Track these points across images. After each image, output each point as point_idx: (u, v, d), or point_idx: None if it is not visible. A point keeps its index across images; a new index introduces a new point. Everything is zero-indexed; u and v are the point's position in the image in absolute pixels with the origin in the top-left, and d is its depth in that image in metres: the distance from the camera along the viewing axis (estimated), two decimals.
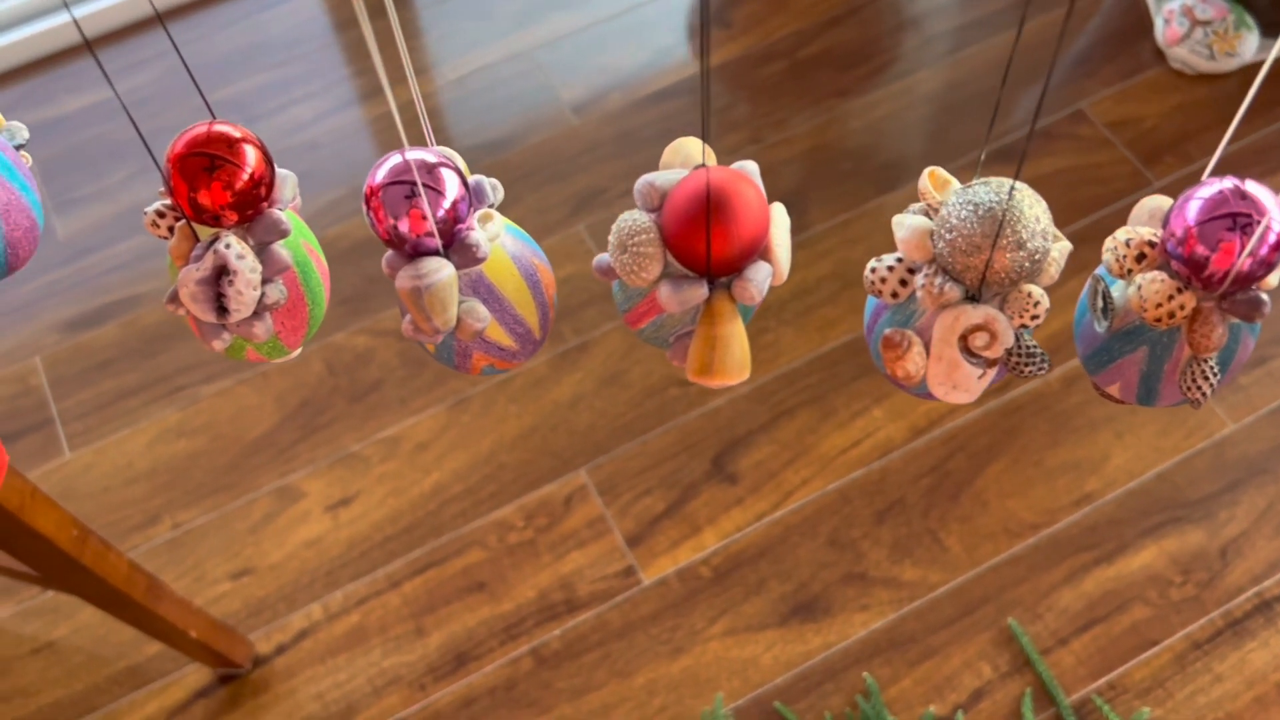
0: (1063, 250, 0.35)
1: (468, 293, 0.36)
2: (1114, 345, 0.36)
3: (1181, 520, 1.10)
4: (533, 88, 1.43)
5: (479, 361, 0.39)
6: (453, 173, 0.36)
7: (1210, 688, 1.03)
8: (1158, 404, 0.37)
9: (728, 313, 0.35)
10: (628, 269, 0.36)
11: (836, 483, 1.14)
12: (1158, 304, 0.33)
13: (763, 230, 0.35)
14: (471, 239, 0.36)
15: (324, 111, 1.44)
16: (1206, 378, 0.34)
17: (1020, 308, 0.34)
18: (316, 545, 1.13)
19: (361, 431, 1.19)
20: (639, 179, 0.37)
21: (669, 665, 1.06)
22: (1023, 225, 0.33)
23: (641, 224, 0.36)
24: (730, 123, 1.40)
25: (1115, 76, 1.40)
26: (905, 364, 0.34)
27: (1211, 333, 0.33)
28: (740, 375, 0.36)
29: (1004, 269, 0.33)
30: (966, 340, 0.34)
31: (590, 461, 1.16)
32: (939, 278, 0.34)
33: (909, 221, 0.35)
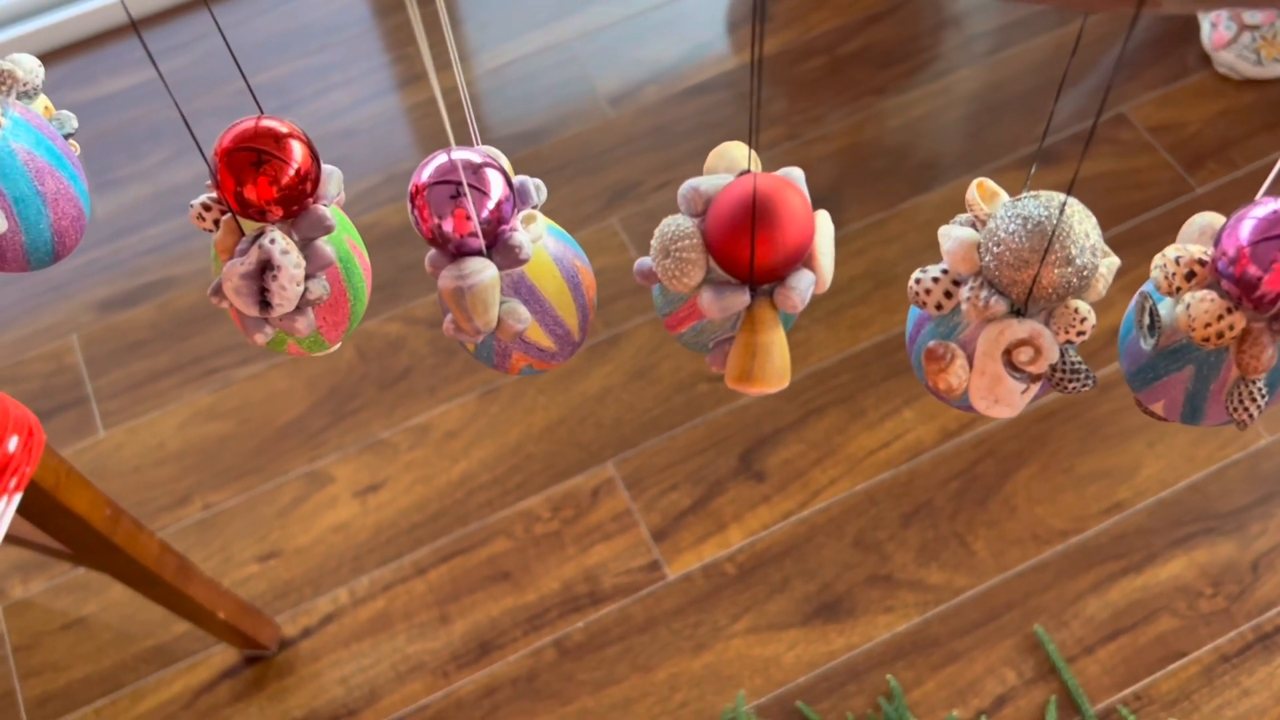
0: (1110, 266, 0.34)
1: (509, 293, 0.36)
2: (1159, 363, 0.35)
3: (1213, 532, 1.09)
4: (569, 79, 1.43)
5: (518, 362, 0.39)
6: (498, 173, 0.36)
7: (1238, 701, 1.02)
8: (1203, 423, 0.36)
9: (769, 320, 0.35)
10: (670, 274, 0.35)
11: (864, 484, 1.14)
12: (1206, 324, 0.33)
13: (807, 238, 0.35)
14: (515, 240, 0.36)
15: (361, 98, 1.44)
16: (1254, 399, 0.34)
17: (1066, 323, 0.34)
18: (344, 530, 1.14)
19: (391, 419, 1.20)
20: (683, 184, 0.37)
21: (691, 661, 1.06)
22: (1072, 241, 0.32)
23: (685, 229, 0.35)
24: (767, 118, 1.39)
25: (1159, 80, 1.38)
26: (948, 377, 0.34)
27: (1261, 354, 0.32)
28: (780, 383, 0.36)
29: (1051, 284, 0.33)
30: (1010, 355, 0.34)
31: (617, 455, 1.17)
32: (985, 291, 0.33)
33: (956, 233, 0.34)
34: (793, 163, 1.41)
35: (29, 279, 1.32)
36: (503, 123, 1.42)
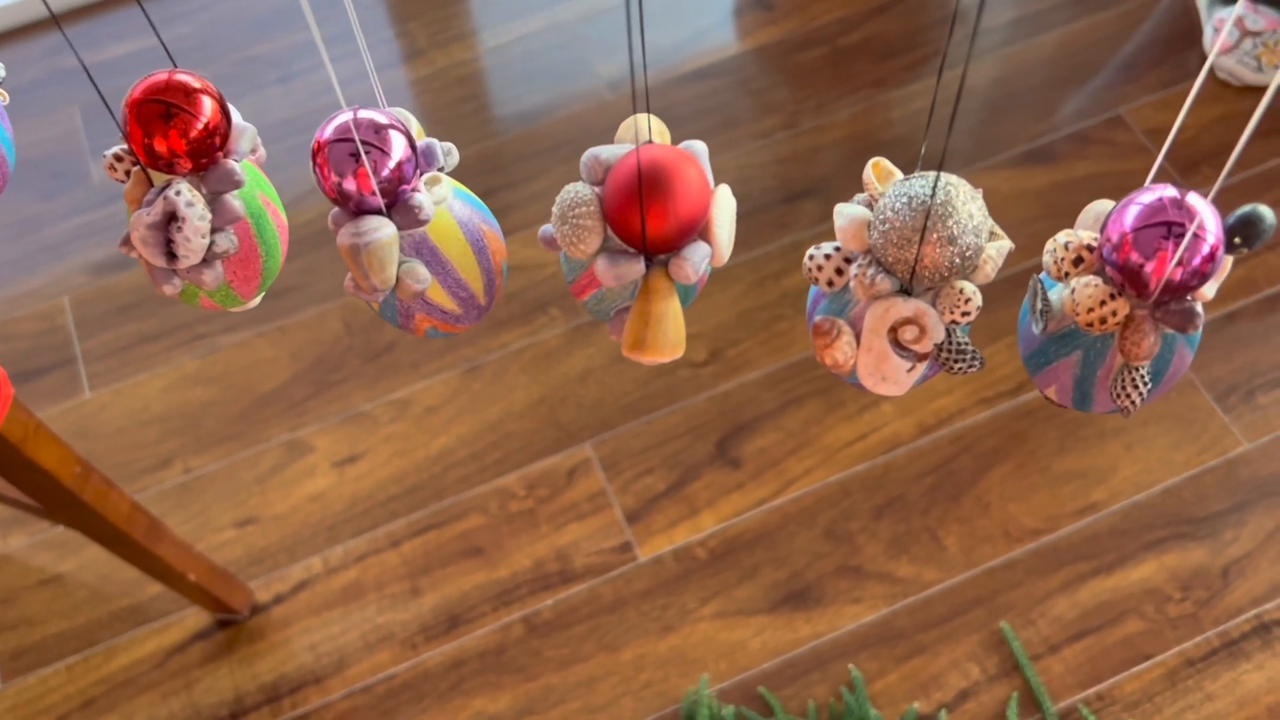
0: (1000, 249, 0.34)
1: (410, 253, 0.37)
2: (1050, 348, 0.35)
3: (1185, 537, 1.09)
4: (570, 60, 1.43)
5: (422, 323, 0.39)
6: (400, 134, 0.37)
7: (1200, 705, 1.02)
8: (1093, 410, 0.37)
9: (663, 290, 0.35)
10: (567, 240, 0.36)
11: (839, 475, 1.14)
12: (1089, 309, 0.33)
13: (702, 210, 0.35)
14: (415, 200, 0.36)
15: (361, 72, 1.45)
16: (1136, 386, 0.34)
17: (951, 304, 0.34)
18: (321, 500, 1.15)
19: (373, 391, 1.20)
20: (586, 151, 0.38)
21: (657, 643, 1.06)
22: (955, 221, 0.32)
23: (583, 197, 0.36)
24: (767, 106, 1.39)
25: (1158, 83, 1.37)
26: (834, 352, 0.34)
27: (1142, 341, 0.33)
28: (673, 352, 0.36)
29: (935, 264, 0.33)
30: (896, 333, 0.34)
31: (595, 436, 1.17)
32: (872, 269, 0.33)
33: (848, 211, 0.35)
34: (790, 153, 1.41)
35: (24, 240, 1.34)
36: (502, 100, 1.42)
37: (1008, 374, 1.18)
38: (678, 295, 0.36)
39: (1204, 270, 0.32)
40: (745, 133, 1.37)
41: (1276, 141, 1.33)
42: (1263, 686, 1.02)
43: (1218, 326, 1.20)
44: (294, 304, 1.27)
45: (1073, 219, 1.37)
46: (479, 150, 1.37)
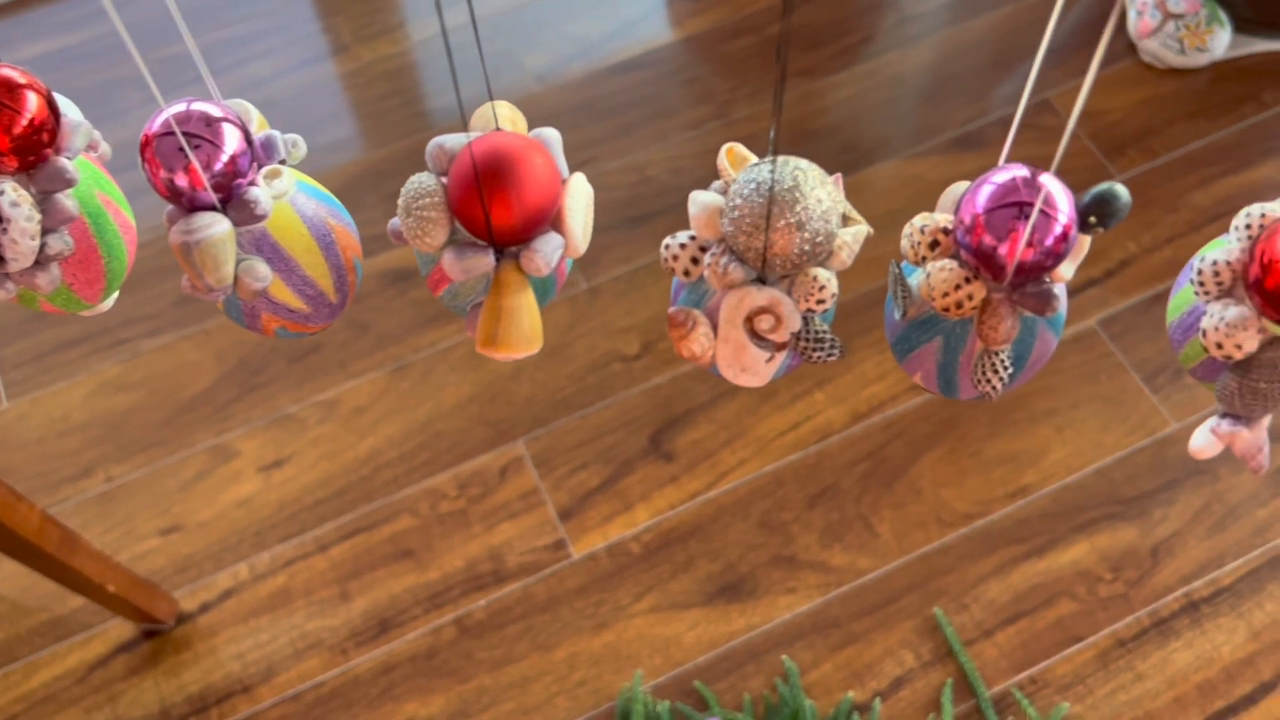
0: (857, 234, 0.34)
1: (250, 250, 0.36)
2: (912, 334, 0.35)
3: (1115, 517, 1.10)
4: (496, 53, 1.42)
5: (269, 323, 0.38)
6: (234, 127, 0.35)
7: (1131, 685, 1.02)
8: (960, 396, 0.36)
9: (515, 284, 0.34)
10: (412, 233, 0.35)
11: (772, 465, 1.13)
12: (944, 293, 0.32)
13: (550, 200, 0.34)
14: (250, 195, 0.35)
15: (284, 68, 1.42)
16: (996, 371, 0.33)
17: (806, 291, 0.33)
18: (247, 505, 1.13)
19: (299, 393, 1.18)
20: (431, 140, 0.36)
21: (591, 640, 1.05)
22: (802, 207, 0.31)
23: (428, 187, 0.35)
24: (696, 96, 1.38)
25: (1084, 67, 1.38)
26: (690, 344, 0.33)
27: (1000, 325, 0.32)
28: (528, 348, 0.35)
29: (785, 251, 0.32)
30: (752, 322, 0.33)
31: (528, 433, 1.16)
32: (725, 258, 0.33)
33: (701, 198, 0.34)
34: (722, 143, 1.40)
35: None
36: (429, 94, 1.40)
37: None
38: (532, 289, 0.35)
39: (1058, 250, 0.31)
40: (676, 123, 1.36)
41: (1202, 123, 1.34)
42: (1192, 665, 1.03)
43: (1145, 307, 1.21)
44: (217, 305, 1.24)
45: None
46: (407, 145, 1.35)
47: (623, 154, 1.34)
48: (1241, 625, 1.04)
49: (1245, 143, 1.32)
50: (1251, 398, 0.34)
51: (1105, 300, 1.21)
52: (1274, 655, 1.03)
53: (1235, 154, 1.31)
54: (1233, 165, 1.31)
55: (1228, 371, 0.34)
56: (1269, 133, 1.33)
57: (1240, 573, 1.07)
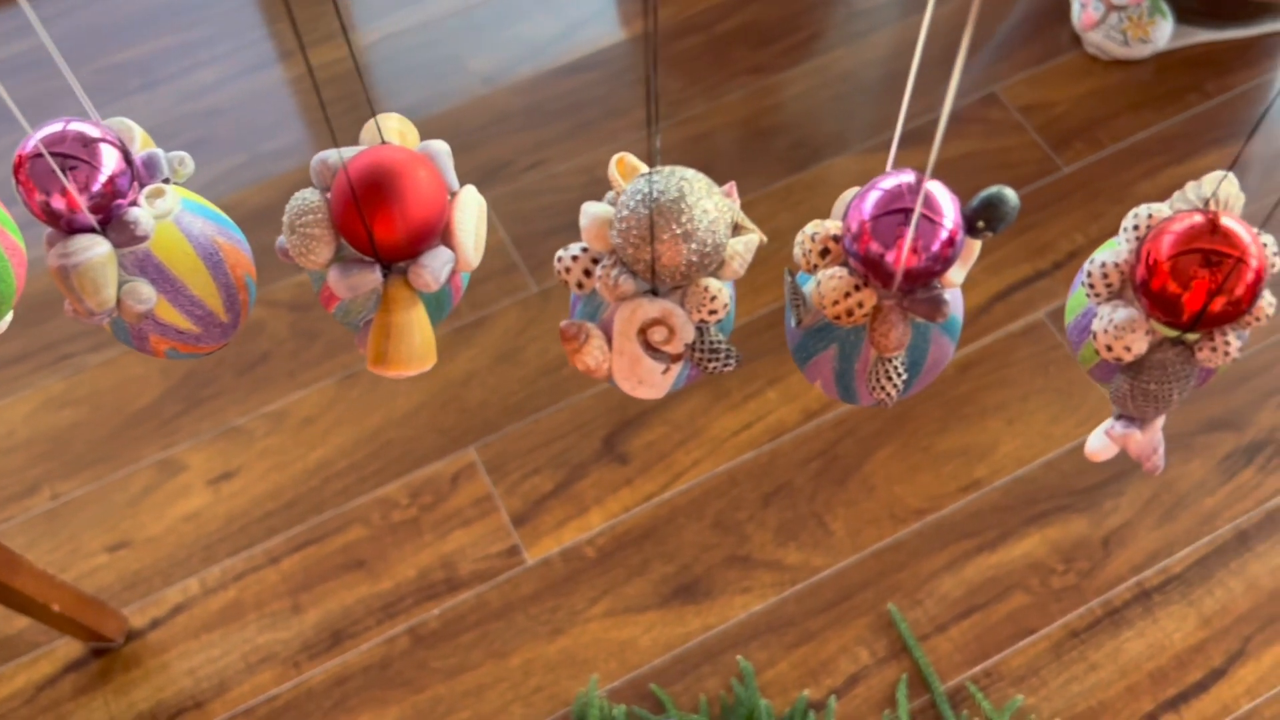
0: (748, 243, 0.33)
1: (134, 272, 0.35)
2: (809, 342, 0.34)
3: (1067, 509, 1.10)
4: (441, 57, 1.41)
5: (158, 344, 0.37)
6: (112, 147, 0.35)
7: (1085, 676, 1.03)
8: (860, 402, 0.36)
9: (404, 300, 0.34)
10: (297, 250, 0.34)
11: (726, 465, 1.13)
12: (835, 301, 0.32)
13: (437, 214, 0.34)
14: (130, 216, 0.34)
15: (228, 76, 1.41)
16: (891, 378, 0.33)
17: (698, 302, 0.33)
18: (196, 519, 1.11)
19: (246, 405, 1.17)
20: (315, 155, 0.36)
21: (546, 646, 1.05)
22: (688, 218, 0.31)
23: (310, 204, 0.34)
24: (641, 97, 1.38)
25: (1030, 60, 1.38)
26: (584, 357, 0.33)
27: (890, 332, 0.32)
28: (420, 365, 0.34)
29: (673, 262, 0.32)
30: (646, 334, 0.33)
31: (480, 439, 1.15)
32: (615, 269, 0.32)
33: (591, 210, 0.33)
34: (671, 143, 1.40)
35: None
36: (374, 100, 1.39)
37: None
38: (424, 304, 0.34)
39: (945, 256, 0.31)
40: (626, 124, 1.36)
41: (1147, 114, 1.35)
42: (1144, 654, 1.03)
43: None
44: None
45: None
46: None
47: (572, 155, 1.33)
48: (1192, 613, 1.05)
49: (1190, 132, 1.33)
50: (1143, 399, 0.34)
51: (1053, 292, 1.22)
52: (1224, 642, 1.04)
53: (1180, 144, 1.32)
54: (1178, 155, 1.31)
55: (1120, 373, 0.34)
56: (1213, 122, 1.34)
57: (1190, 560, 1.08)
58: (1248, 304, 0.32)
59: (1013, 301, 1.21)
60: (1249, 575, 1.07)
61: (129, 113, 1.38)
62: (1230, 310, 0.32)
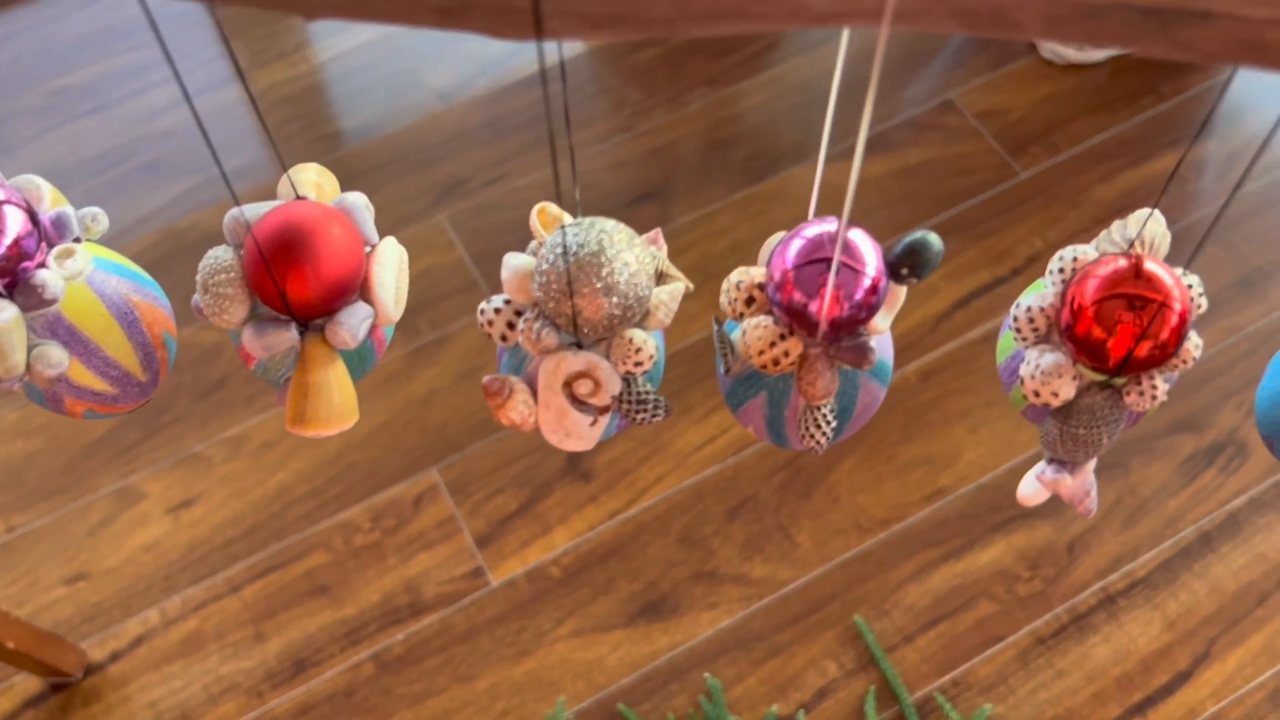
0: (674, 292, 0.33)
1: (44, 335, 0.34)
2: (739, 389, 0.34)
3: (1031, 516, 1.10)
4: (398, 73, 1.40)
5: (74, 407, 0.36)
6: (16, 208, 0.34)
7: (1052, 683, 1.03)
8: (792, 447, 0.35)
9: (321, 358, 0.33)
10: (211, 310, 0.33)
11: (691, 479, 1.13)
12: (760, 350, 0.31)
13: (352, 270, 0.33)
14: (38, 279, 0.33)
15: (179, 98, 1.39)
16: (819, 425, 0.32)
17: (623, 354, 0.32)
18: (155, 549, 1.10)
19: (205, 431, 1.16)
20: (228, 212, 0.35)
21: (513, 668, 1.04)
22: (609, 271, 0.31)
23: (223, 263, 0.33)
24: (600, 110, 1.37)
25: (986, 66, 1.39)
26: (508, 413, 0.32)
27: (817, 380, 0.31)
28: (339, 424, 0.34)
29: (594, 316, 0.31)
30: (571, 387, 0.32)
31: (442, 460, 1.14)
32: (538, 323, 0.32)
33: (513, 262, 0.33)
34: (628, 156, 1.39)
35: None
36: (330, 118, 1.38)
37: None
38: (344, 361, 0.34)
39: (868, 304, 0.31)
40: (585, 137, 1.35)
41: (1103, 117, 1.35)
42: (1110, 659, 1.04)
43: None
44: None
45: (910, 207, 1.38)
46: None
47: (532, 169, 1.32)
48: (1157, 616, 1.06)
49: (1145, 135, 1.34)
50: (1073, 444, 0.33)
51: (1013, 298, 1.22)
52: (1189, 645, 1.04)
53: (1136, 147, 1.33)
54: (1134, 158, 1.32)
55: (1049, 417, 0.34)
56: (1168, 124, 1.35)
57: (1154, 564, 1.08)
58: (1174, 347, 0.31)
59: (973, 308, 1.21)
60: (1212, 577, 1.07)
61: (81, 136, 1.37)
62: (1157, 354, 0.31)
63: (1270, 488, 1.11)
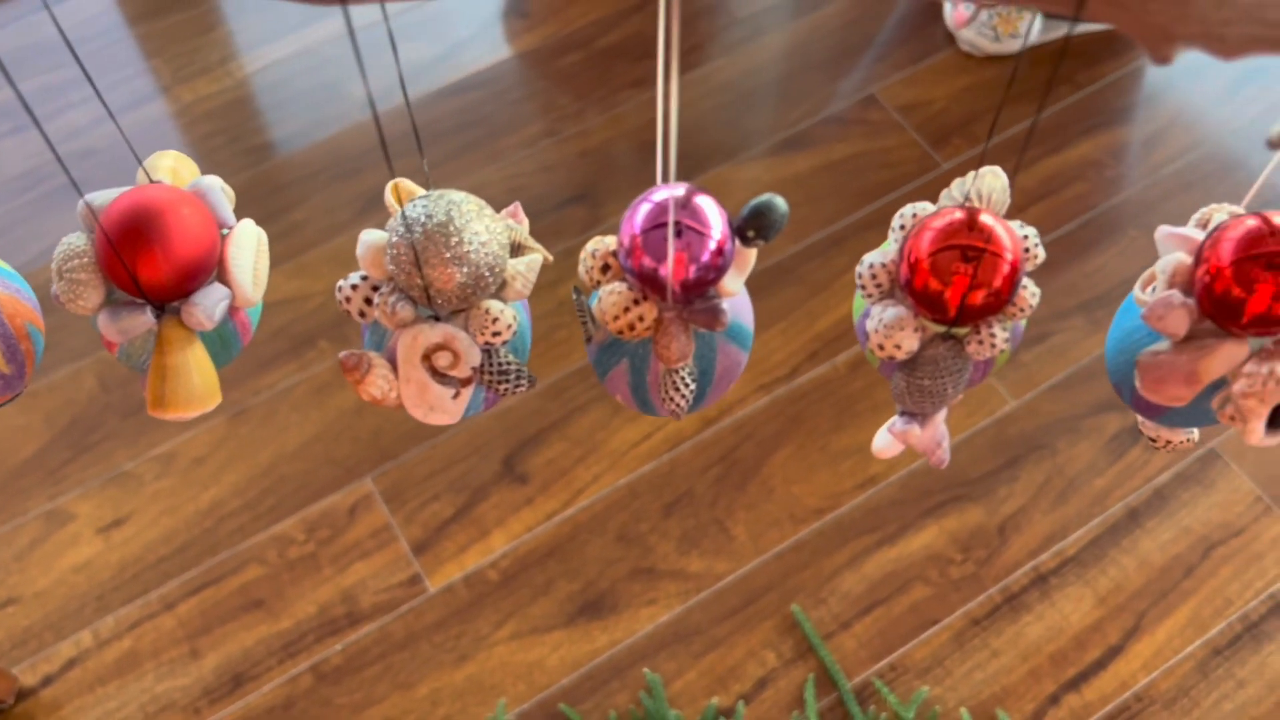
0: (531, 263, 0.33)
1: None
2: (603, 357, 0.35)
3: (962, 499, 1.12)
4: (321, 84, 1.39)
5: None
6: None
7: (987, 663, 1.04)
8: (659, 413, 0.36)
9: (178, 341, 0.33)
10: (66, 297, 0.33)
11: (627, 477, 1.13)
12: (615, 316, 0.32)
13: (205, 251, 0.33)
14: None
15: (103, 115, 1.38)
16: (678, 388, 0.33)
17: (480, 325, 0.32)
18: (86, 569, 1.09)
19: (135, 448, 1.14)
20: (81, 199, 0.35)
21: (453, 674, 1.04)
22: (458, 241, 0.31)
23: (76, 249, 0.33)
24: (526, 115, 1.38)
25: (906, 60, 1.41)
26: (368, 388, 0.32)
27: (671, 343, 0.32)
28: (201, 406, 0.34)
29: (446, 287, 0.31)
30: (430, 360, 0.32)
31: (376, 468, 1.14)
32: (392, 297, 0.32)
33: (366, 237, 0.33)
34: (557, 159, 1.40)
35: None
36: (253, 131, 1.37)
37: (782, 359, 1.19)
38: (202, 344, 0.34)
39: (715, 265, 0.31)
40: (512, 142, 1.36)
41: (1025, 107, 1.38)
42: (1044, 636, 1.05)
43: None
44: (44, 364, 1.19)
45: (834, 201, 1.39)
46: (237, 184, 1.32)
47: (458, 176, 1.33)
48: (1088, 593, 1.07)
49: (1063, 123, 1.36)
50: (919, 395, 0.34)
51: None
52: (1119, 619, 1.06)
53: (1055, 135, 1.35)
54: (1053, 146, 1.35)
55: (897, 371, 0.35)
56: (1085, 111, 1.37)
57: (1084, 542, 1.10)
58: (1008, 295, 0.32)
59: None
60: (1140, 552, 1.09)
61: (1, 158, 1.35)
62: (992, 302, 0.32)
63: (1194, 463, 1.14)
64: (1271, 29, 0.22)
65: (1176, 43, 0.24)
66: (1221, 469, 1.13)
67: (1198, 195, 1.32)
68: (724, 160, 1.34)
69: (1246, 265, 0.31)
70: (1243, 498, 1.12)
